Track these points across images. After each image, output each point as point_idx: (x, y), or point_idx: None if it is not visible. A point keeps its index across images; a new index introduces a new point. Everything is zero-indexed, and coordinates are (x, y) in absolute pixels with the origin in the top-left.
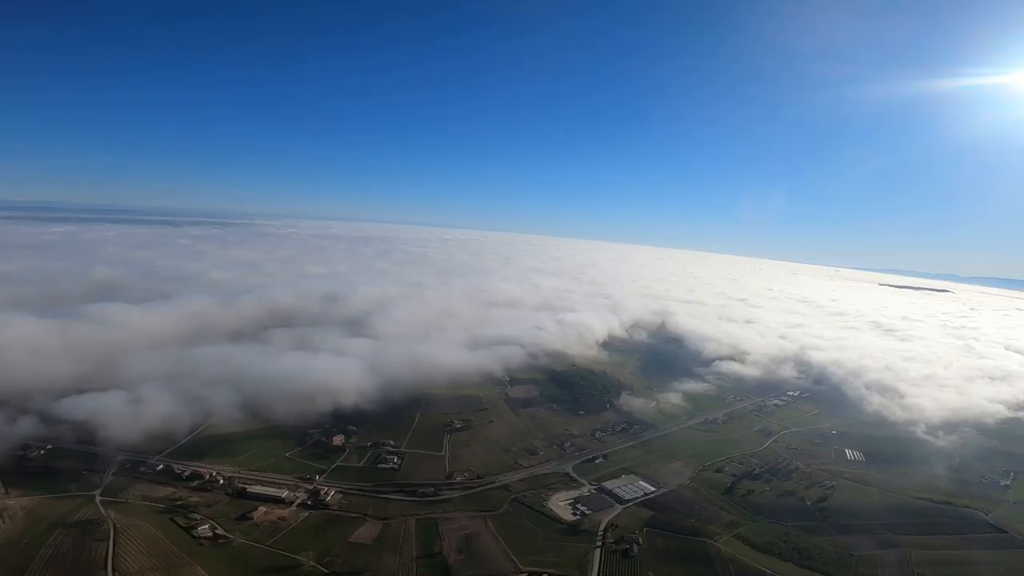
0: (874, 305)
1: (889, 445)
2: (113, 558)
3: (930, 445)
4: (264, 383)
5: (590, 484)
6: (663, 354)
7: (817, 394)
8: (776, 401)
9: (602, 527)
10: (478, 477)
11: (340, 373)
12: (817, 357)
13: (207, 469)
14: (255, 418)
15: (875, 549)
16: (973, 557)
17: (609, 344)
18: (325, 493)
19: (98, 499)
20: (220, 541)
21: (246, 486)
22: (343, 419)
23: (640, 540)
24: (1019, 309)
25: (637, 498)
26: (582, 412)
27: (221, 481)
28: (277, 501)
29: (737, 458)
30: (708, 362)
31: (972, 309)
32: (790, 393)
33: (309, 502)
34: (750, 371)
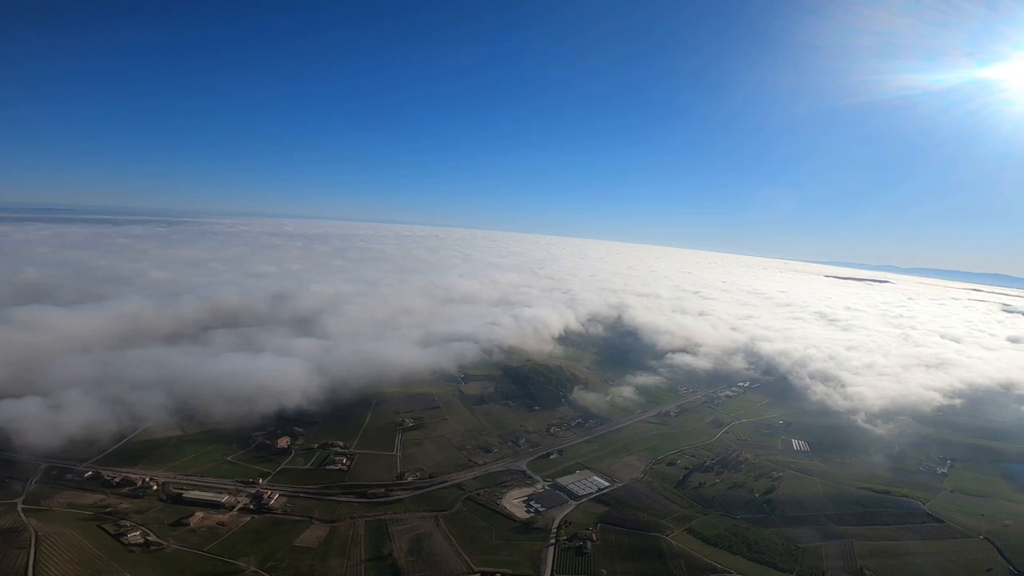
0: (819, 296)
1: (832, 434)
2: (34, 566)
3: (870, 434)
4: (201, 386)
5: (544, 481)
6: (619, 347)
7: (766, 384)
8: (727, 392)
9: (556, 524)
10: (430, 476)
11: (285, 374)
12: (766, 348)
13: (139, 475)
14: (193, 422)
15: (820, 540)
16: (912, 547)
17: (565, 338)
18: (269, 497)
19: (20, 507)
20: (152, 548)
21: (182, 491)
22: (289, 421)
23: (594, 537)
24: (954, 299)
25: (591, 494)
26: (537, 408)
27: (155, 487)
28: (216, 506)
29: (689, 450)
30: (662, 355)
31: (910, 299)
32: (741, 384)
33: (251, 506)
34: (702, 363)
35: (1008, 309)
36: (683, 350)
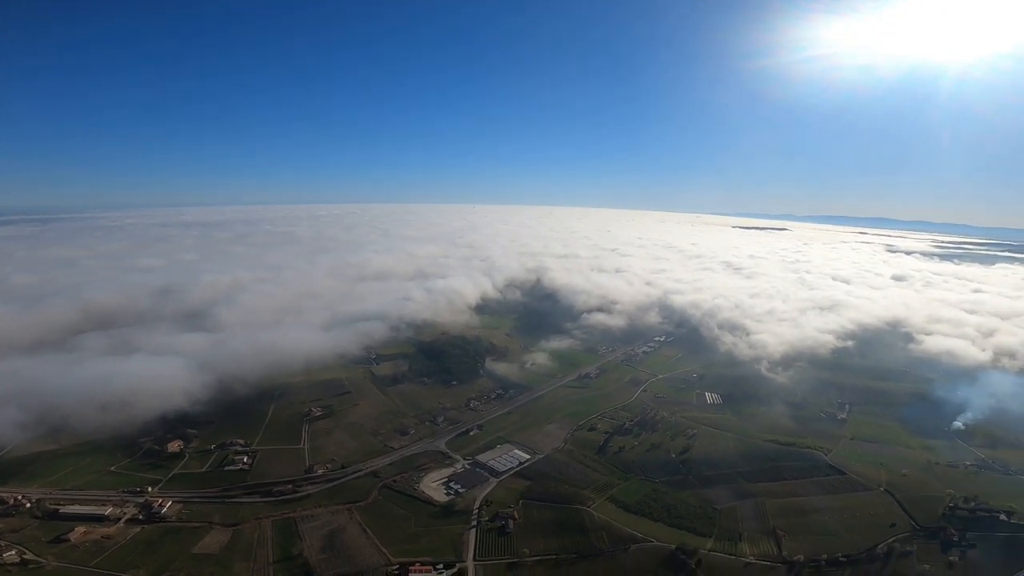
0: (727, 246)
1: (741, 385)
2: None
3: (774, 382)
4: (68, 395)
5: (464, 459)
6: (538, 312)
7: (680, 337)
8: (645, 348)
9: (477, 505)
10: (342, 467)
11: (165, 374)
12: (678, 301)
13: (9, 493)
14: (68, 435)
15: (734, 501)
16: (818, 503)
17: (483, 307)
18: (160, 505)
19: None
20: (31, 567)
21: (59, 507)
22: (181, 423)
23: (515, 515)
24: (843, 242)
25: (512, 468)
26: (455, 382)
27: (27, 504)
28: (99, 519)
29: (609, 413)
30: (580, 315)
31: (805, 244)
32: (657, 339)
33: (141, 516)
34: (619, 321)
35: (891, 249)
36: (600, 309)
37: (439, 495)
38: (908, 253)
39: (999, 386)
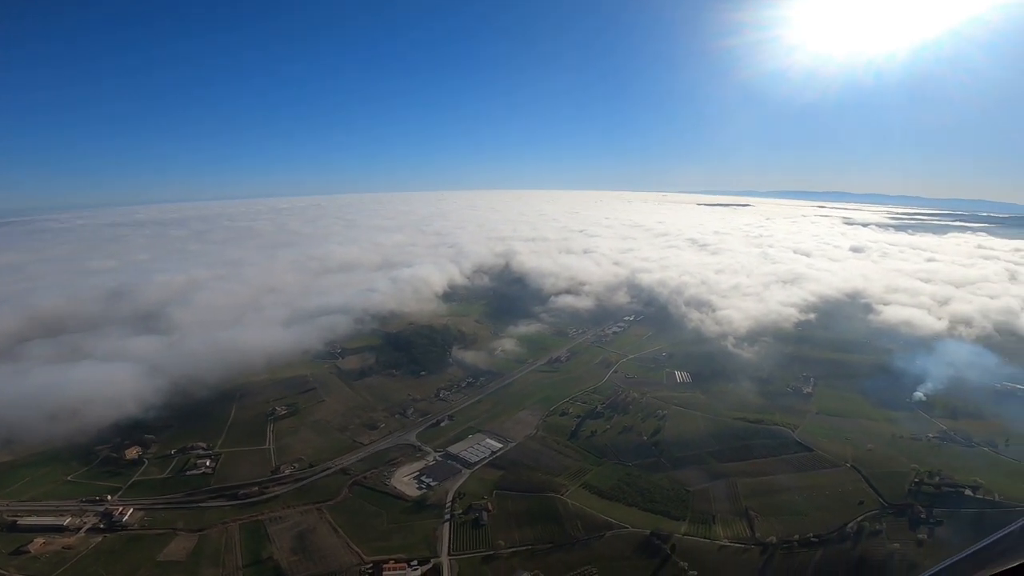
0: (692, 223)
1: (709, 363)
2: None
3: (740, 358)
4: (17, 406)
5: (436, 451)
6: (507, 296)
7: (649, 316)
8: (615, 329)
9: (450, 498)
10: (310, 466)
11: (118, 380)
12: (646, 279)
13: None
14: (21, 445)
15: (706, 482)
16: (788, 482)
17: (451, 295)
18: (121, 513)
19: None
20: None
21: (16, 518)
22: (136, 429)
23: (489, 506)
24: (803, 215)
25: (485, 459)
26: (424, 373)
27: None
28: (59, 530)
29: (580, 397)
30: (549, 299)
31: (767, 219)
32: (627, 318)
33: (102, 525)
34: (589, 302)
35: (848, 222)
36: (569, 291)
37: (411, 490)
38: (864, 225)
39: (956, 355)
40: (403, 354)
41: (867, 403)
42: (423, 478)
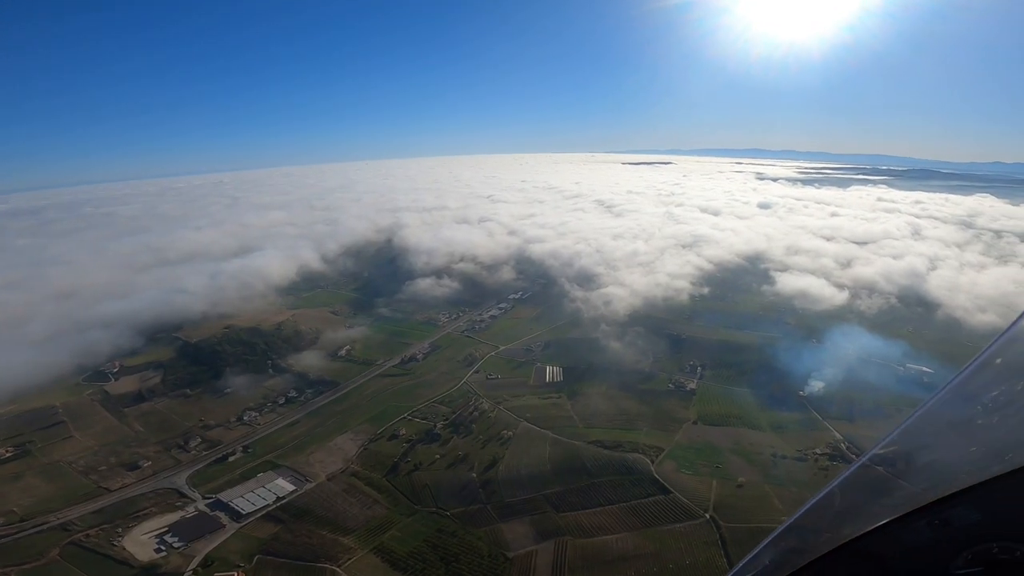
0: (609, 183)
1: (585, 353)
2: None
3: (621, 346)
4: None
5: (205, 498)
6: (378, 280)
7: (536, 295)
8: (494, 312)
9: (193, 564)
10: (21, 520)
11: None
12: (538, 250)
13: None
14: None
15: (533, 542)
16: (628, 547)
17: (297, 286)
18: None
19: None
20: None
21: None
22: None
23: None
24: (720, 172)
25: (264, 507)
26: (230, 390)
27: None
28: None
29: (423, 410)
30: (425, 279)
31: (684, 176)
32: (512, 296)
33: None
34: (469, 281)
35: (760, 177)
36: (447, 270)
37: (145, 552)
38: (775, 180)
39: (857, 334)
40: (206, 367)
41: (754, 401)
42: (168, 537)
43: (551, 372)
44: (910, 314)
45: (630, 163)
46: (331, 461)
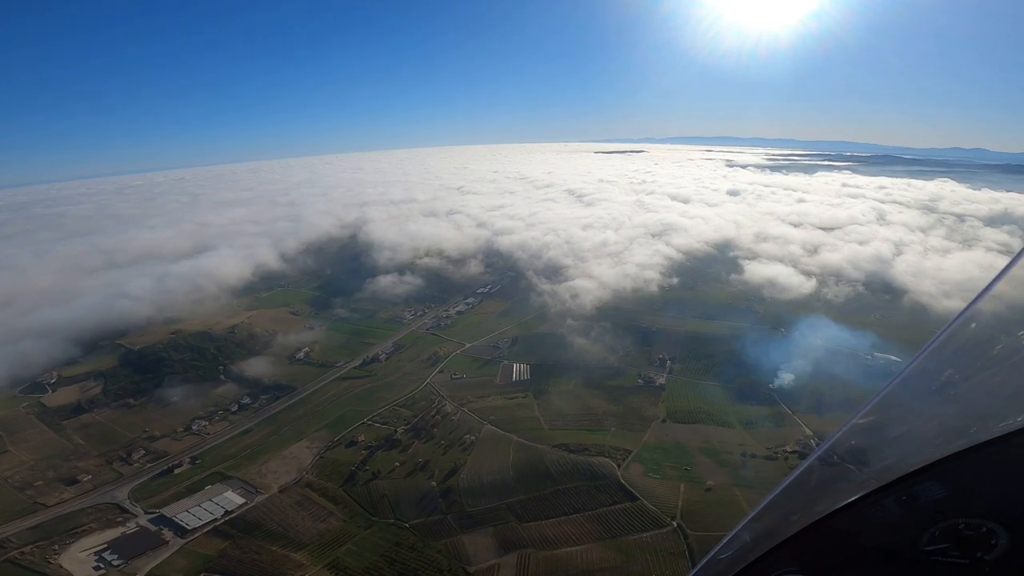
0: (580, 172)
1: (553, 350)
2: None
3: (589, 341)
4: None
5: (148, 512)
6: (341, 278)
7: (504, 288)
8: (460, 307)
9: None
10: None
11: None
12: (506, 242)
13: None
14: None
15: (494, 556)
16: (591, 558)
17: (255, 286)
18: None
19: None
20: None
21: None
22: None
23: None
24: (690, 159)
25: (211, 522)
26: (176, 399)
27: None
28: None
29: (384, 414)
30: (389, 275)
31: (656, 164)
32: (481, 290)
33: None
34: (434, 276)
35: (730, 164)
36: (411, 265)
37: (83, 571)
38: (744, 167)
39: (824, 323)
40: (150, 376)
41: (724, 395)
42: (107, 554)
43: (518, 370)
44: (877, 301)
45: (603, 152)
46: (284, 471)
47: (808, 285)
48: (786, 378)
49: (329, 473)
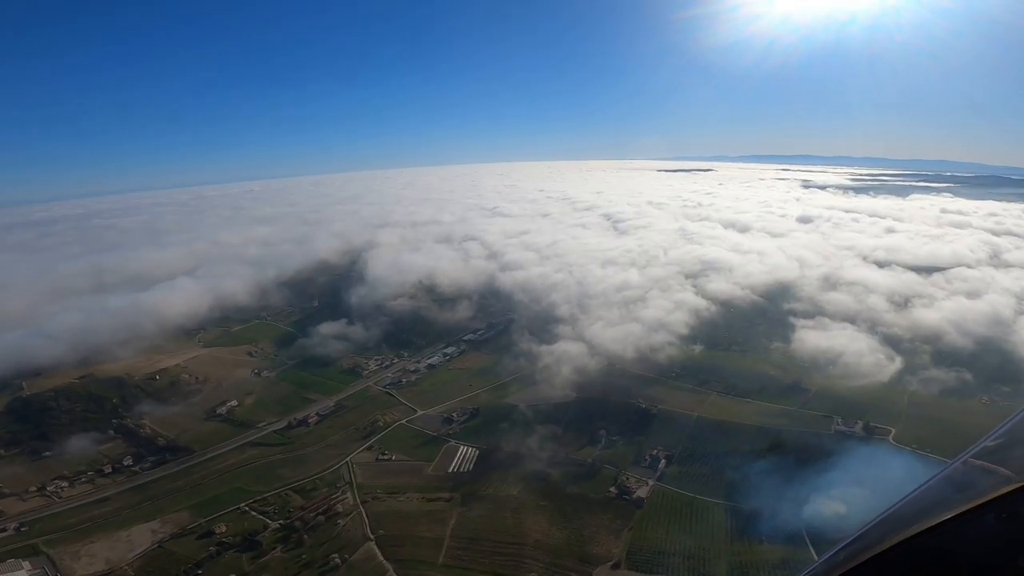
0: (631, 192)
1: (516, 430)
2: None
3: (561, 430)
4: None
5: None
6: (318, 312)
7: (491, 339)
8: (435, 359)
9: None
10: None
11: None
12: (511, 280)
13: None
14: None
15: None
16: None
17: (231, 316)
18: None
19: None
20: None
21: None
22: None
23: None
24: (761, 179)
25: None
26: (49, 453)
27: None
28: None
29: (271, 499)
30: (369, 312)
31: (719, 184)
32: (466, 338)
33: None
34: (419, 317)
35: (807, 184)
36: (398, 302)
37: None
38: (823, 188)
39: (905, 429)
40: (31, 426)
41: (726, 523)
42: None
43: (462, 456)
44: (987, 379)
45: (666, 170)
46: (104, 557)
47: (890, 367)
48: (827, 509)
49: (152, 570)
